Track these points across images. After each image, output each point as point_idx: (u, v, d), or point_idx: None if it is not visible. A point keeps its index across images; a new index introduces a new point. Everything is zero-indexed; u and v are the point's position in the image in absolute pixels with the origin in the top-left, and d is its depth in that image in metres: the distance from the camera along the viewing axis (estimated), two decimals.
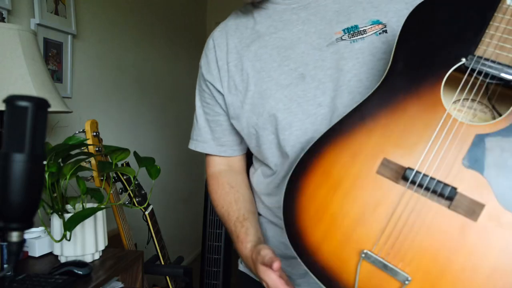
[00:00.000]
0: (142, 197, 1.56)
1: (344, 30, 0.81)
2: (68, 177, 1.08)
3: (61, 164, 1.10)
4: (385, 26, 0.79)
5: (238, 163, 1.01)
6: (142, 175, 1.28)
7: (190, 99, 3.38)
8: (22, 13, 1.53)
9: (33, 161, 0.52)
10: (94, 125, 1.40)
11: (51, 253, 1.20)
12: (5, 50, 1.13)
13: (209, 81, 0.92)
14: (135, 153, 1.21)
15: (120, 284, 1.24)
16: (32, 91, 1.13)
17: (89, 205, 1.18)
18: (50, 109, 0.55)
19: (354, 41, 0.80)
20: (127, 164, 1.54)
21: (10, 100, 0.51)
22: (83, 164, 1.17)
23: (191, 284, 1.83)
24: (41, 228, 1.21)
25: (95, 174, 1.37)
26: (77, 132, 1.29)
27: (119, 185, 1.52)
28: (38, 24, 1.58)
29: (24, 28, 1.20)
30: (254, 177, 0.97)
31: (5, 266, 0.60)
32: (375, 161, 0.65)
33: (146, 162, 1.20)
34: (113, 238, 1.53)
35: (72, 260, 1.10)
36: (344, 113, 0.71)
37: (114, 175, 1.47)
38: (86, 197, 1.16)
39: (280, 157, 0.87)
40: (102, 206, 1.13)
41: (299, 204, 0.69)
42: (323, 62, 0.81)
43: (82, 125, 1.41)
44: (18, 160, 0.51)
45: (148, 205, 1.59)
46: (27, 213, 0.54)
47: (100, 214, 1.17)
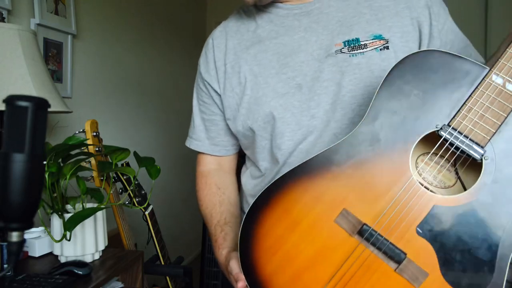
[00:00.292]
0: (142, 197, 1.55)
1: (344, 42, 0.80)
2: (68, 177, 1.08)
3: (61, 164, 1.10)
4: (387, 42, 0.78)
5: (229, 163, 1.01)
6: (142, 175, 1.28)
7: (190, 98, 3.36)
8: (22, 13, 1.53)
9: (33, 161, 0.52)
10: (94, 125, 1.40)
11: (51, 253, 1.20)
12: (5, 50, 1.13)
13: (207, 80, 0.91)
14: (135, 153, 1.21)
15: (120, 284, 1.24)
16: (32, 91, 1.13)
17: (89, 205, 1.18)
18: (50, 109, 0.55)
19: (353, 55, 0.78)
20: (127, 164, 1.54)
21: (10, 100, 0.51)
22: (83, 164, 1.17)
23: (191, 284, 1.83)
24: (41, 228, 1.21)
25: (95, 174, 1.37)
26: (77, 132, 1.29)
27: (119, 185, 1.52)
28: (38, 24, 1.58)
29: (24, 28, 1.20)
30: (244, 176, 0.98)
31: (5, 266, 0.60)
32: (335, 209, 0.67)
33: (146, 162, 1.20)
34: (113, 238, 1.53)
35: (72, 260, 1.10)
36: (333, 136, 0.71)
37: (114, 175, 1.47)
38: (86, 197, 1.16)
39: (270, 162, 0.88)
40: (102, 206, 1.13)
41: (257, 235, 0.70)
42: (321, 73, 0.79)
43: (82, 125, 1.41)
44: (18, 160, 0.51)
45: (148, 205, 1.59)
46: (27, 213, 0.54)
47: (100, 214, 1.17)
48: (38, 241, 1.18)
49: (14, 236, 0.55)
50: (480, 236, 0.61)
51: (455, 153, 0.63)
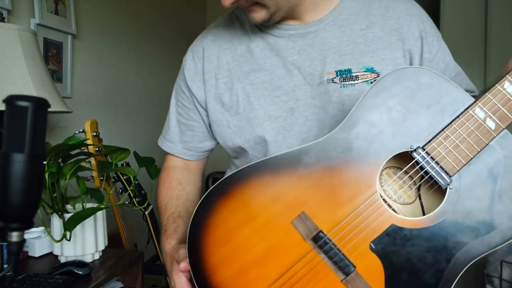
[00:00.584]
0: (142, 197, 1.56)
1: (337, 72, 0.79)
2: (68, 177, 1.08)
3: (61, 164, 1.10)
4: (378, 75, 0.78)
5: (196, 165, 0.99)
6: (142, 175, 1.28)
7: None
8: (22, 13, 1.53)
9: (33, 161, 0.52)
10: (94, 125, 1.40)
11: (51, 253, 1.20)
12: (5, 50, 1.13)
13: (192, 88, 0.89)
14: (135, 153, 1.21)
15: (120, 284, 1.24)
16: (32, 91, 1.13)
17: (89, 205, 1.18)
18: (50, 109, 0.55)
19: (344, 86, 0.78)
20: (127, 164, 1.54)
21: (10, 100, 0.51)
22: (83, 164, 1.17)
23: None
24: (41, 228, 1.21)
25: (95, 174, 1.37)
26: (77, 132, 1.29)
27: (119, 185, 1.52)
28: (38, 24, 1.58)
29: (24, 28, 1.20)
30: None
31: (5, 266, 0.60)
32: (294, 211, 0.66)
33: (146, 162, 1.20)
34: (113, 238, 1.53)
35: (72, 260, 1.10)
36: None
37: (114, 175, 1.47)
38: (86, 197, 1.16)
39: None
40: (102, 206, 1.13)
41: (209, 222, 0.68)
42: (312, 99, 0.79)
43: (82, 125, 1.41)
44: (18, 160, 0.51)
45: (148, 205, 1.59)
46: (27, 213, 0.54)
47: (100, 214, 1.17)
48: (38, 241, 1.18)
49: (14, 236, 0.54)
50: (429, 261, 0.63)
51: (422, 175, 0.64)
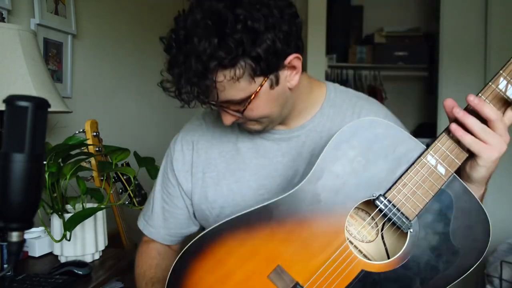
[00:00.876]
0: (142, 197, 1.55)
1: None
2: (68, 177, 1.08)
3: (61, 164, 1.10)
4: None
5: (177, 245, 1.00)
6: (142, 175, 1.28)
7: None
8: (22, 13, 1.53)
9: (33, 161, 0.52)
10: (94, 125, 1.40)
11: (51, 253, 1.20)
12: (5, 50, 1.13)
13: (179, 179, 0.91)
14: (135, 153, 1.21)
15: (120, 284, 1.24)
16: (32, 91, 1.13)
17: (89, 205, 1.18)
18: (50, 109, 0.55)
19: None
20: (127, 164, 1.53)
21: (10, 100, 0.51)
22: (83, 164, 1.17)
23: None
24: (41, 228, 1.21)
25: (95, 174, 1.37)
26: (77, 132, 1.29)
27: (119, 185, 1.52)
28: (38, 24, 1.58)
29: (24, 28, 1.20)
30: None
31: (5, 266, 0.60)
32: (270, 265, 0.68)
33: (146, 162, 1.20)
34: (113, 238, 1.53)
35: (72, 260, 1.10)
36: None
37: (114, 175, 1.47)
38: (86, 197, 1.16)
39: None
40: (102, 206, 1.14)
41: (185, 283, 0.69)
42: None
43: (82, 125, 1.40)
44: (18, 160, 0.51)
45: None
46: (27, 213, 0.54)
47: (100, 214, 1.17)
48: (38, 241, 1.18)
49: (14, 236, 0.54)
50: None
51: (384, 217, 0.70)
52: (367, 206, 0.73)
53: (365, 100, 0.90)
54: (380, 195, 0.68)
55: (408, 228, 0.68)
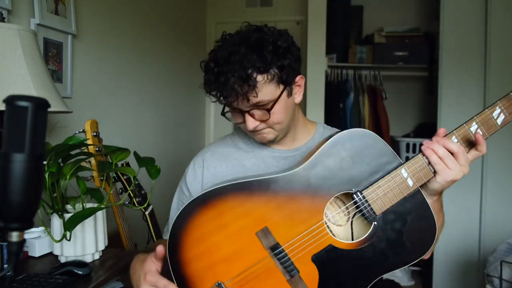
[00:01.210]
0: (142, 197, 1.55)
1: None
2: (68, 177, 1.08)
3: (61, 164, 1.10)
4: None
5: None
6: (142, 175, 1.28)
7: (190, 98, 3.38)
8: (22, 13, 1.53)
9: (33, 161, 0.52)
10: (94, 125, 1.40)
11: (51, 253, 1.20)
12: (5, 50, 1.13)
13: (190, 189, 1.09)
14: (135, 153, 1.21)
15: (120, 284, 1.24)
16: (32, 91, 1.13)
17: (89, 205, 1.18)
18: (50, 109, 0.55)
19: None
20: (127, 164, 1.53)
21: (10, 100, 0.51)
22: (83, 164, 1.17)
23: None
24: (41, 228, 1.21)
25: (95, 174, 1.37)
26: (77, 132, 1.29)
27: (119, 185, 1.52)
28: (38, 24, 1.58)
29: (24, 28, 1.20)
30: None
31: (5, 266, 0.60)
32: (259, 225, 0.86)
33: (146, 162, 1.20)
34: (113, 238, 1.53)
35: (72, 260, 1.10)
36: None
37: (114, 175, 1.47)
38: (86, 197, 1.16)
39: None
40: (102, 206, 1.13)
41: (190, 224, 0.86)
42: None
43: (82, 125, 1.40)
44: (18, 160, 0.51)
45: (148, 205, 1.59)
46: (27, 213, 0.54)
47: (100, 214, 1.17)
48: (38, 241, 1.18)
49: (14, 236, 0.55)
50: (353, 274, 0.87)
51: (357, 210, 0.87)
52: (345, 197, 0.90)
53: None
54: (358, 191, 0.85)
55: (374, 220, 0.86)
